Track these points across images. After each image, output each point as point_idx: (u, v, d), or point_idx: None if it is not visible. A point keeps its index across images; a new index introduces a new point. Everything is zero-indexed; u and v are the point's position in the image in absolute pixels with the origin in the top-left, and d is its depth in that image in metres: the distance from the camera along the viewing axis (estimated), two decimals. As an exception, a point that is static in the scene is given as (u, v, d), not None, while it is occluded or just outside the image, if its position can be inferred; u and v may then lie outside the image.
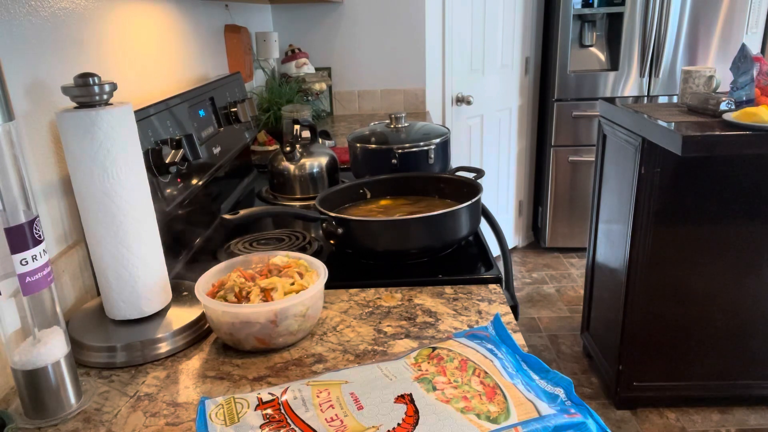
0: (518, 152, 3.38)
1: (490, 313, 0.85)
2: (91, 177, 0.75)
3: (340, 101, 2.77)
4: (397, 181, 1.23)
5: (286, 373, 0.73)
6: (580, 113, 3.14)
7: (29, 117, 0.81)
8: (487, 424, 0.52)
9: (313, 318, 0.80)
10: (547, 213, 3.37)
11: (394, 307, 0.88)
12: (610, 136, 2.10)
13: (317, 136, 1.49)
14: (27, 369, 0.65)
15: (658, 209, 1.86)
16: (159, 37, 1.29)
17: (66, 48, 0.91)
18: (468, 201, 1.02)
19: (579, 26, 3.14)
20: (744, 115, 1.61)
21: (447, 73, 2.86)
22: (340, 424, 0.53)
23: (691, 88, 1.92)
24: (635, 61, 3.05)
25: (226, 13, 1.88)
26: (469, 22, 2.91)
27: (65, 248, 0.87)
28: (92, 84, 0.74)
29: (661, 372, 2.05)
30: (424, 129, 1.41)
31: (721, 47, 3.01)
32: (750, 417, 2.04)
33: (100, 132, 0.74)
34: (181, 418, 0.66)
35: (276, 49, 2.34)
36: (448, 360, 0.61)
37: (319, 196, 1.11)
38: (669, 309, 1.96)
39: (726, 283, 1.92)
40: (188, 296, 0.89)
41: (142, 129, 0.99)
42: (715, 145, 1.58)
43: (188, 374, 0.74)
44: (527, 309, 2.87)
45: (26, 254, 0.61)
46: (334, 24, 2.67)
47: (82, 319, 0.83)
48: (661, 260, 1.91)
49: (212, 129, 1.37)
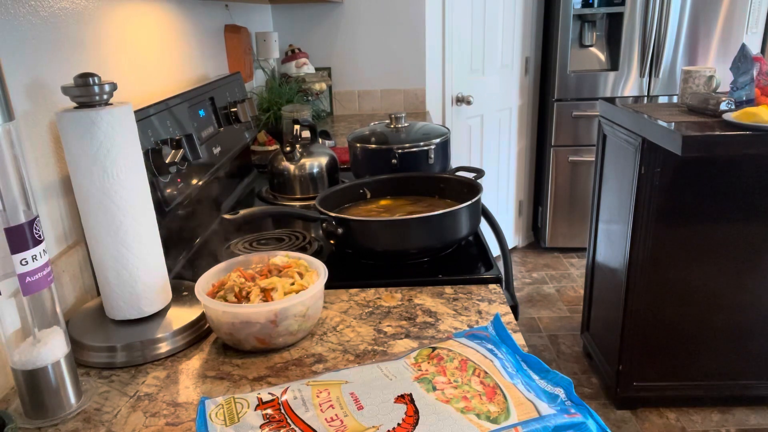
0: (518, 152, 3.38)
1: (490, 313, 0.85)
2: (91, 177, 0.75)
3: (340, 101, 2.77)
4: (397, 181, 1.23)
5: (286, 373, 0.73)
6: (580, 113, 3.14)
7: (29, 117, 0.81)
8: (487, 424, 0.52)
9: (313, 318, 0.80)
10: (547, 213, 3.37)
11: (394, 307, 0.88)
12: (610, 136, 2.10)
13: (317, 136, 1.49)
14: (27, 369, 0.65)
15: (658, 209, 1.86)
16: (159, 37, 1.29)
17: (66, 48, 0.91)
18: (468, 201, 1.02)
19: (579, 26, 3.14)
20: (744, 115, 1.61)
21: (447, 73, 2.86)
22: (340, 424, 0.53)
23: (691, 88, 1.92)
24: (635, 61, 3.05)
25: (226, 13, 1.88)
26: (469, 22, 2.91)
27: (65, 248, 0.87)
28: (92, 84, 0.74)
29: (661, 372, 2.05)
30: (424, 129, 1.41)
31: (721, 47, 3.01)
32: (750, 417, 2.04)
33: (100, 132, 0.74)
34: (181, 418, 0.66)
35: (276, 49, 2.34)
36: (448, 360, 0.61)
37: (319, 196, 1.11)
38: (669, 309, 1.96)
39: (726, 283, 1.92)
40: (188, 296, 0.89)
41: (142, 129, 0.99)
42: (715, 145, 1.58)
43: (188, 374, 0.74)
44: (527, 309, 2.87)
45: (26, 254, 0.61)
46: (334, 24, 2.67)
47: (82, 319, 0.83)
48: (661, 260, 1.91)
49: (212, 129, 1.37)
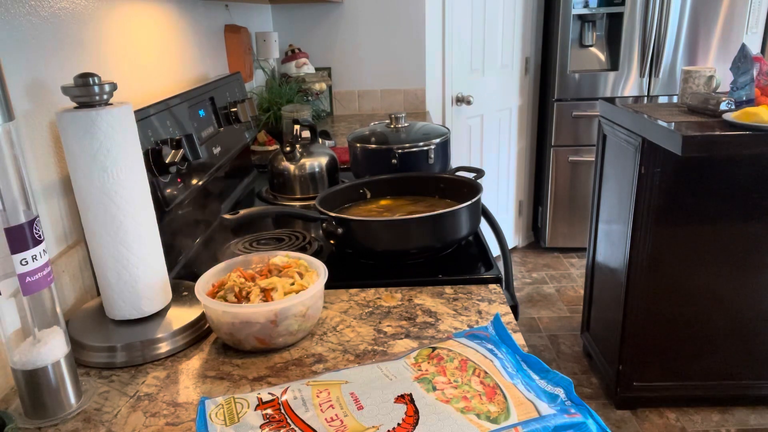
0: (518, 152, 3.38)
1: (490, 313, 0.85)
2: (91, 177, 0.75)
3: (340, 101, 2.77)
4: (397, 181, 1.23)
5: (286, 373, 0.73)
6: (580, 113, 3.14)
7: (29, 117, 0.81)
8: (487, 424, 0.52)
9: (313, 318, 0.80)
10: (547, 213, 3.37)
11: (394, 307, 0.88)
12: (610, 136, 2.10)
13: (317, 136, 1.49)
14: (27, 369, 0.65)
15: (658, 209, 1.86)
16: (159, 37, 1.29)
17: (66, 48, 0.91)
18: (468, 201, 1.02)
19: (579, 26, 3.14)
20: (744, 115, 1.61)
21: (447, 73, 2.86)
22: (340, 424, 0.53)
23: (691, 88, 1.92)
24: (635, 61, 3.05)
25: (226, 13, 1.88)
26: (469, 22, 2.91)
27: (65, 248, 0.87)
28: (92, 84, 0.74)
29: (661, 372, 2.05)
30: (424, 129, 1.41)
31: (721, 47, 3.01)
32: (750, 417, 2.04)
33: (100, 132, 0.74)
34: (181, 418, 0.66)
35: (276, 49, 2.34)
36: (448, 360, 0.61)
37: (319, 196, 1.11)
38: (669, 309, 1.96)
39: (726, 282, 1.92)
40: (188, 296, 0.89)
41: (142, 129, 0.99)
42: (715, 145, 1.58)
43: (188, 374, 0.74)
44: (527, 309, 2.87)
45: (26, 254, 0.61)
46: (334, 24, 2.67)
47: (82, 319, 0.83)
48: (661, 260, 1.91)
49: (212, 129, 1.37)
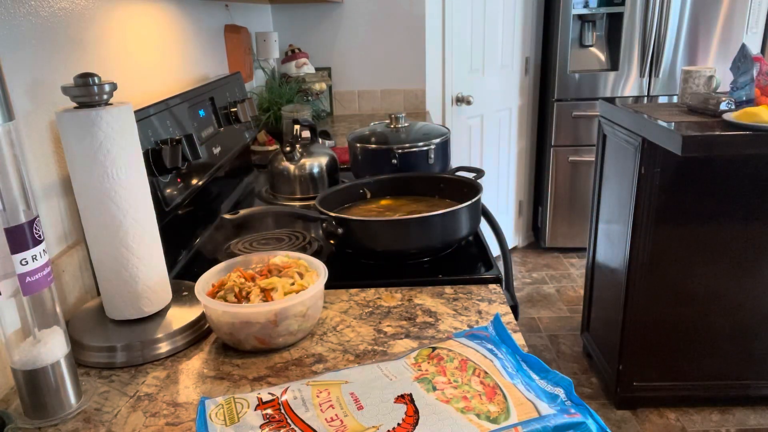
0: (518, 152, 3.38)
1: (490, 313, 0.85)
2: (91, 177, 0.75)
3: (340, 101, 2.77)
4: (397, 181, 1.23)
5: (286, 373, 0.73)
6: (580, 113, 3.14)
7: (29, 117, 0.80)
8: (487, 424, 0.52)
9: (313, 318, 0.80)
10: (547, 213, 3.37)
11: (394, 307, 0.88)
12: (610, 136, 2.10)
13: (317, 136, 1.49)
14: (27, 369, 0.65)
15: (658, 209, 1.86)
16: (159, 37, 1.29)
17: (66, 48, 0.91)
18: (468, 201, 1.02)
19: (579, 26, 3.14)
20: (744, 115, 1.61)
21: (447, 73, 2.86)
22: (340, 424, 0.53)
23: (691, 88, 1.92)
24: (635, 61, 3.05)
25: (226, 13, 1.88)
26: (469, 22, 2.91)
27: (65, 248, 0.87)
28: (92, 84, 0.74)
29: (661, 372, 2.05)
30: (424, 129, 1.41)
31: (721, 47, 3.01)
32: (750, 417, 2.04)
33: (100, 132, 0.74)
34: (181, 418, 0.66)
35: (276, 49, 2.34)
36: (448, 360, 0.61)
37: (319, 196, 1.11)
38: (669, 309, 1.96)
39: (726, 283, 1.92)
40: (188, 296, 0.89)
41: (142, 129, 0.99)
42: (715, 145, 1.58)
43: (188, 374, 0.74)
44: (527, 309, 2.87)
45: (26, 254, 0.61)
46: (334, 24, 2.67)
47: (82, 319, 0.83)
48: (661, 260, 1.91)
49: (212, 129, 1.37)
